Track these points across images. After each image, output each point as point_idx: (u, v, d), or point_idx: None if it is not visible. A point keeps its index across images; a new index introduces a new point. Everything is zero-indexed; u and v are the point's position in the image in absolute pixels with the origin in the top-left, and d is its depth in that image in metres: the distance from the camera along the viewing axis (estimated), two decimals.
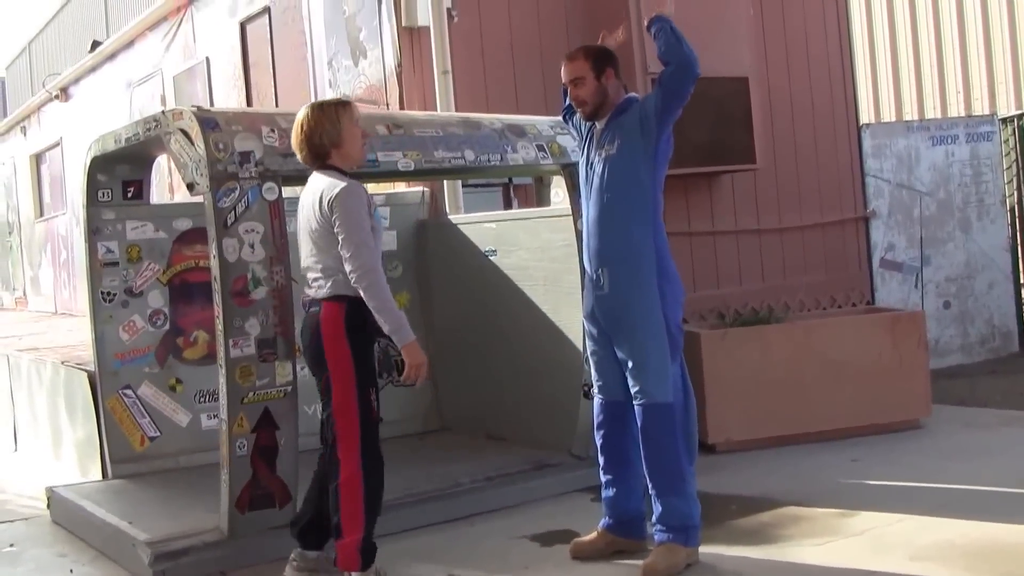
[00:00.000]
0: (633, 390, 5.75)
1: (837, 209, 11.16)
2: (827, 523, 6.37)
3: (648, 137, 5.71)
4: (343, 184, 5.47)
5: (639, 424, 5.75)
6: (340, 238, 5.45)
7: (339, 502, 5.59)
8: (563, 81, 6.00)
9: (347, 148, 5.62)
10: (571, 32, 9.53)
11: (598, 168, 5.84)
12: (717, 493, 7.14)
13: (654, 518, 5.78)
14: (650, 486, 5.78)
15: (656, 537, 5.76)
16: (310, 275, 5.66)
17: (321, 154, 5.60)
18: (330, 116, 5.59)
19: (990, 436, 8.34)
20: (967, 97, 16.00)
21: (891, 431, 8.42)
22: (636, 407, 5.74)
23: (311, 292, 5.66)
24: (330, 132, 5.57)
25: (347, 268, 5.44)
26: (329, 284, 5.55)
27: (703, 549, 5.90)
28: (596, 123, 5.97)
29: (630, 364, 5.75)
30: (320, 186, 5.56)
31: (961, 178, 11.70)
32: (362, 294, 5.46)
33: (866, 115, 14.91)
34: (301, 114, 5.64)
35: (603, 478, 6.04)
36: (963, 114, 15.28)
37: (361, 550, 5.59)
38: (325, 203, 5.49)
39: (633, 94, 6.00)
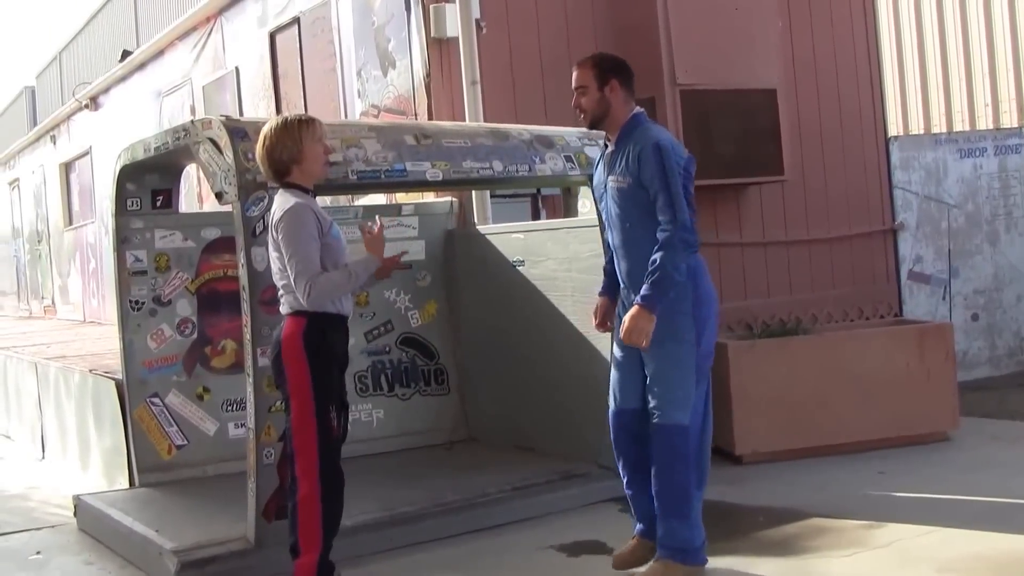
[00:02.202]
0: (651, 406, 5.70)
1: (865, 221, 11.13)
2: (854, 535, 6.35)
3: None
4: (288, 205, 5.50)
5: (653, 442, 5.68)
6: (284, 262, 5.50)
7: (296, 521, 5.55)
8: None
9: (308, 165, 5.64)
10: (599, 43, 9.52)
11: (612, 195, 5.77)
12: (744, 504, 7.14)
13: (658, 534, 5.73)
14: (656, 505, 5.71)
15: (657, 552, 5.72)
16: (278, 292, 5.71)
17: (282, 170, 5.62)
18: (292, 133, 5.60)
19: (1018, 449, 8.31)
20: (995, 110, 15.91)
21: (918, 443, 8.39)
22: (652, 424, 5.68)
23: (280, 308, 5.71)
24: (291, 149, 5.58)
25: (296, 290, 5.49)
26: (289, 300, 5.58)
27: (728, 560, 5.92)
28: (608, 143, 5.93)
29: (657, 383, 5.68)
30: (274, 207, 5.62)
31: (989, 191, 11.65)
32: (321, 305, 5.53)
33: (894, 127, 14.82)
34: (264, 130, 5.66)
35: (627, 491, 5.99)
36: (991, 127, 15.21)
37: (318, 569, 5.55)
38: (271, 225, 5.56)
39: (640, 110, 5.86)
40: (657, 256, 5.48)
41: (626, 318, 5.54)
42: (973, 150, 11.67)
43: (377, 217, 6.15)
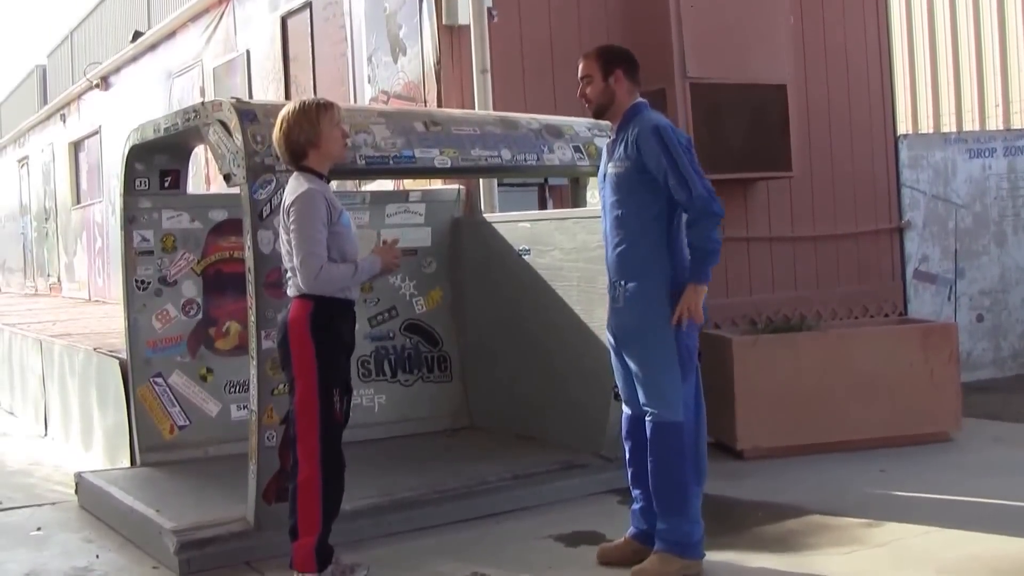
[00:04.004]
0: (642, 404, 5.71)
1: (872, 219, 11.12)
2: (853, 533, 6.35)
3: (656, 178, 5.66)
4: (301, 191, 5.50)
5: (648, 439, 5.70)
6: (292, 244, 5.50)
7: (296, 503, 5.56)
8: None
9: (325, 148, 5.64)
10: (611, 34, 9.52)
11: (610, 182, 5.80)
12: (744, 499, 7.14)
13: (656, 528, 5.75)
14: (655, 502, 5.73)
15: (655, 545, 5.73)
16: (285, 274, 5.71)
17: (298, 153, 5.62)
18: (310, 116, 5.60)
19: (1021, 452, 8.30)
20: (1006, 110, 15.89)
21: (920, 444, 8.38)
22: (646, 422, 5.69)
23: (287, 291, 5.71)
24: (308, 132, 5.58)
25: (299, 274, 5.48)
26: (297, 283, 5.56)
27: (726, 555, 5.93)
28: (610, 133, 5.94)
29: (640, 379, 5.70)
30: (287, 190, 5.62)
31: (997, 191, 11.64)
32: (326, 294, 5.53)
33: (903, 126, 14.82)
34: (282, 114, 5.66)
35: (632, 491, 5.98)
36: (1001, 127, 15.20)
37: (316, 552, 5.56)
38: (283, 208, 5.56)
39: (642, 100, 5.89)
40: (689, 237, 5.61)
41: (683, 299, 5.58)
42: (982, 150, 11.66)
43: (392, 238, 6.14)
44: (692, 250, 5.61)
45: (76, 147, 22.26)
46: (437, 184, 9.16)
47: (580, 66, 5.93)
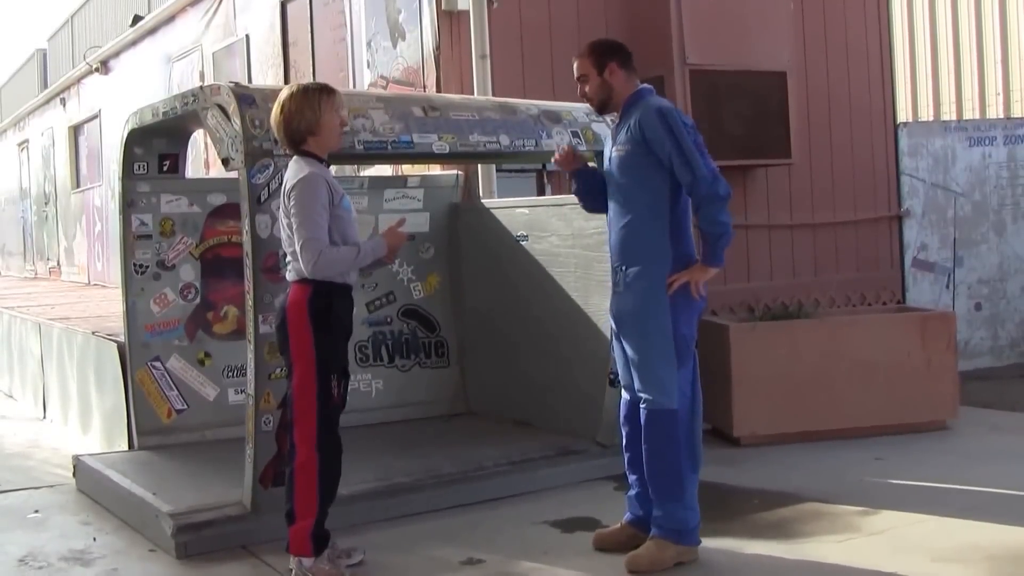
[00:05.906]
0: (637, 390, 5.71)
1: (871, 207, 11.11)
2: (849, 521, 6.35)
3: (660, 161, 5.65)
4: (302, 175, 5.47)
5: (642, 426, 5.69)
6: (292, 229, 5.47)
7: (293, 487, 5.55)
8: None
9: (324, 136, 5.60)
10: (610, 20, 9.52)
11: (614, 165, 5.79)
12: (740, 486, 7.15)
13: (652, 515, 5.76)
14: (651, 489, 5.72)
15: (651, 531, 5.73)
16: (285, 258, 5.70)
17: (297, 139, 5.58)
18: (311, 102, 5.56)
19: (1017, 440, 8.30)
20: (1006, 99, 15.90)
21: (917, 431, 8.39)
22: (641, 409, 5.69)
23: (286, 275, 5.70)
24: (309, 119, 5.54)
25: (300, 259, 5.46)
26: (296, 267, 5.54)
27: (722, 542, 5.93)
28: (614, 118, 5.95)
29: (636, 366, 5.69)
30: (288, 174, 5.59)
31: (997, 180, 11.64)
32: (327, 278, 5.51)
33: (903, 114, 14.83)
34: (282, 96, 5.62)
35: (628, 477, 5.98)
36: (1001, 116, 15.19)
37: (313, 536, 5.56)
38: (284, 192, 5.54)
39: (645, 86, 5.89)
40: (698, 222, 5.59)
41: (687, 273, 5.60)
42: (982, 139, 11.65)
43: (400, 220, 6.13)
44: (702, 234, 5.59)
45: (76, 131, 22.25)
46: (435, 169, 9.16)
47: (575, 66, 5.90)
